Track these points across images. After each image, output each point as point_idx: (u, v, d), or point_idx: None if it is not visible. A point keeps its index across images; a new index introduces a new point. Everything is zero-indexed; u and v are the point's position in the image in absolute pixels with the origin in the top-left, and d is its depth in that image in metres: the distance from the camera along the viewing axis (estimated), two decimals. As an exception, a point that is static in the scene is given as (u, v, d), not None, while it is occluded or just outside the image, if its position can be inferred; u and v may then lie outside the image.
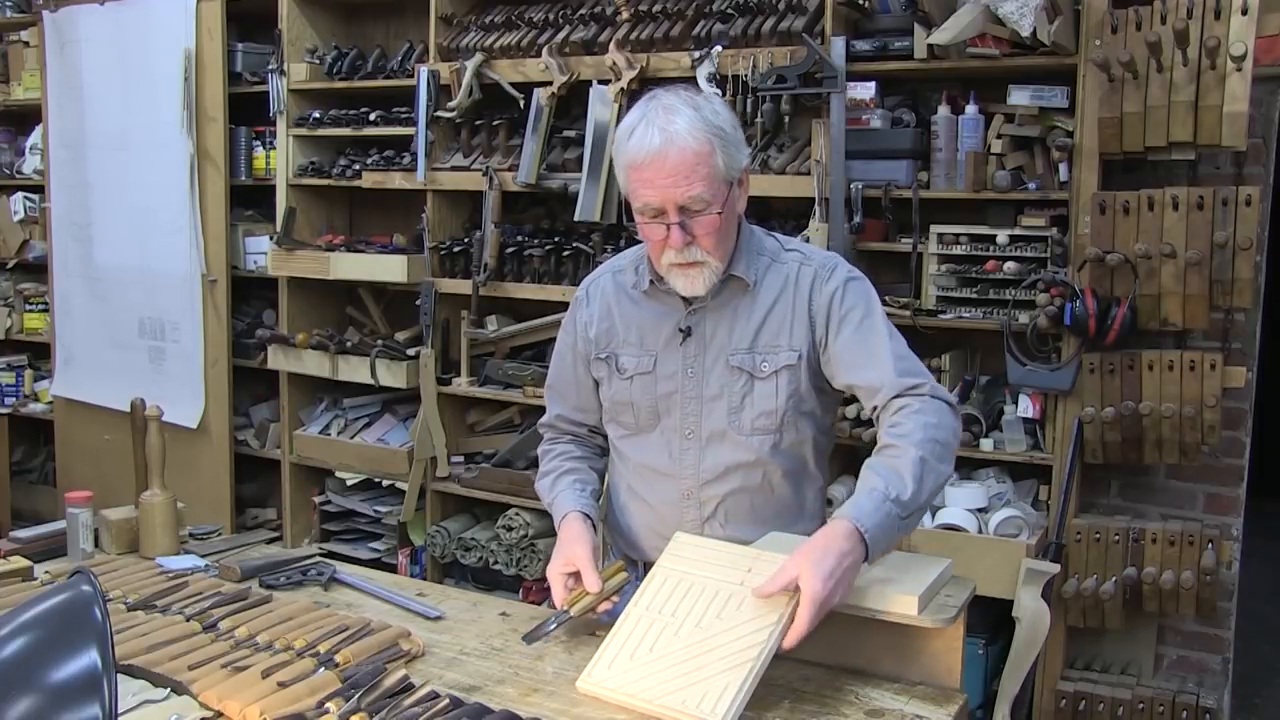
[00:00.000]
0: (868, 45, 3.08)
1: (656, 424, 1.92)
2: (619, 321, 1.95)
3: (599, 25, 3.52)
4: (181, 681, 1.59)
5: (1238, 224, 2.71)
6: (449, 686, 1.62)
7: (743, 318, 1.87)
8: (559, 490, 1.98)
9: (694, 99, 1.78)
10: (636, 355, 1.92)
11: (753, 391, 1.86)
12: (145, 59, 4.19)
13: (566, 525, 1.89)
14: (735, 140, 1.78)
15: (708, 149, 1.73)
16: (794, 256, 1.90)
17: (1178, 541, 2.88)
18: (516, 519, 3.67)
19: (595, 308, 1.98)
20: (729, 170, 1.77)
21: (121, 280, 4.40)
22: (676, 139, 1.72)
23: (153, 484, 2.21)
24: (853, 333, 1.83)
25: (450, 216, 3.88)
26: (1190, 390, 2.81)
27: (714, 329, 1.88)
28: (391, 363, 3.80)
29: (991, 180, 3.02)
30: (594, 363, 1.98)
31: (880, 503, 1.63)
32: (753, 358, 1.86)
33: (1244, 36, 2.62)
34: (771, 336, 1.86)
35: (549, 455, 2.09)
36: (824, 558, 1.54)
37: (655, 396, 1.91)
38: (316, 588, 2.05)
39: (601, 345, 1.96)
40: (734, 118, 1.82)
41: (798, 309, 1.86)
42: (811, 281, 1.86)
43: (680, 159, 1.72)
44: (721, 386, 1.87)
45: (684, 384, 1.89)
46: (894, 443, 1.71)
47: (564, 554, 1.83)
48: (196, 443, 4.20)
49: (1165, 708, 2.97)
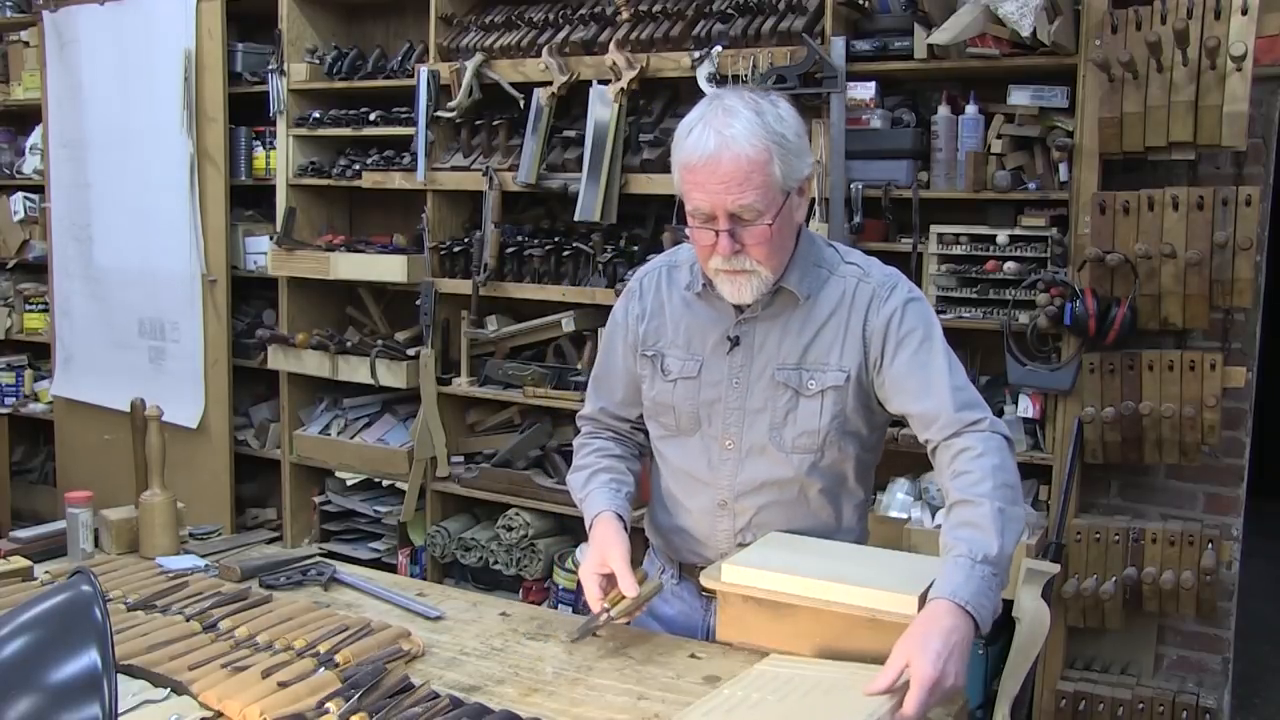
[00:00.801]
0: (868, 45, 3.08)
1: (697, 430, 1.87)
2: (668, 320, 1.90)
3: (599, 25, 3.52)
4: (181, 681, 1.59)
5: (1238, 224, 2.71)
6: (449, 686, 1.61)
7: (793, 332, 1.81)
8: (593, 488, 1.93)
9: (758, 102, 1.70)
10: (682, 358, 1.87)
11: (796, 409, 1.81)
12: (145, 59, 4.19)
13: (601, 525, 1.84)
14: (797, 148, 1.70)
15: (764, 157, 1.66)
16: (853, 271, 1.83)
17: (1178, 541, 2.88)
18: (516, 519, 3.67)
19: (648, 302, 1.92)
20: (786, 180, 1.69)
21: (121, 280, 4.40)
22: (732, 144, 1.65)
23: (153, 484, 2.21)
24: (910, 358, 1.76)
25: (450, 216, 3.88)
26: (1190, 390, 2.81)
27: (763, 340, 1.82)
28: (391, 363, 3.80)
29: (991, 180, 3.02)
30: (640, 358, 1.93)
31: (970, 569, 1.57)
32: (799, 374, 1.80)
33: (1244, 36, 2.62)
34: (821, 354, 1.80)
35: (586, 449, 2.03)
36: (928, 640, 1.48)
37: (698, 403, 1.86)
38: (316, 588, 2.05)
39: (648, 342, 1.91)
40: (800, 123, 1.74)
41: (851, 328, 1.79)
42: (869, 301, 1.79)
43: (734, 165, 1.65)
44: (765, 400, 1.82)
45: (728, 393, 1.84)
46: (968, 498, 1.66)
47: (598, 554, 1.79)
48: (196, 443, 4.20)
49: (1165, 708, 2.97)
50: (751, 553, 1.78)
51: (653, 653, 1.76)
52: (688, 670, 1.68)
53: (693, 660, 1.72)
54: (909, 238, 3.08)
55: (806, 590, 1.65)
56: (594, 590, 1.77)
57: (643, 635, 1.85)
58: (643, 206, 3.58)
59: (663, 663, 1.72)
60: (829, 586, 1.64)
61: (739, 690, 1.55)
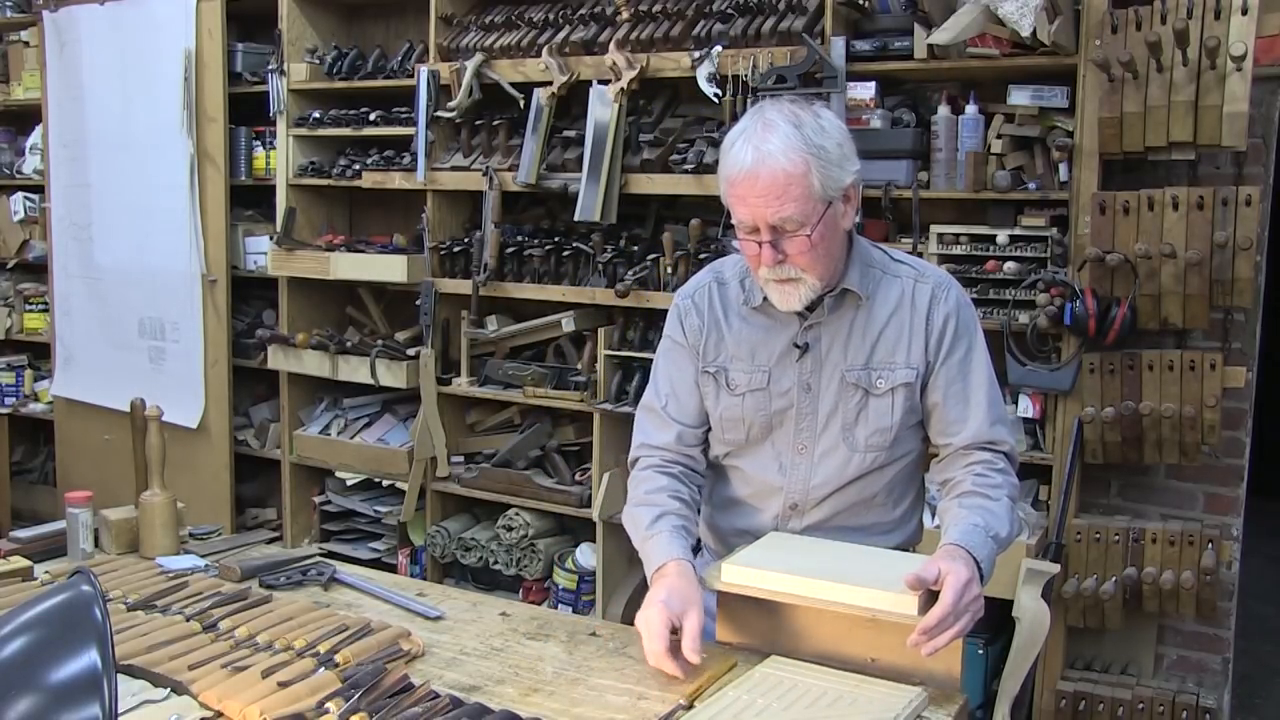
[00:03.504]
0: (868, 45, 3.08)
1: (767, 438, 1.89)
2: (729, 336, 1.89)
3: (599, 25, 3.52)
4: (181, 681, 1.59)
5: (1238, 224, 2.71)
6: (449, 686, 1.61)
7: (858, 333, 1.84)
8: (661, 529, 1.82)
9: (798, 114, 1.72)
10: (749, 371, 1.88)
11: (868, 408, 1.84)
12: (145, 59, 4.19)
13: (677, 575, 1.74)
14: (837, 157, 1.72)
15: (802, 169, 1.68)
16: (906, 271, 1.87)
17: (1178, 541, 2.88)
18: (516, 519, 3.67)
19: (705, 319, 1.92)
20: (826, 189, 1.71)
21: (121, 280, 4.40)
22: (769, 159, 1.68)
23: (153, 484, 2.21)
24: (958, 364, 1.83)
25: (450, 216, 3.88)
26: (1190, 390, 2.81)
27: (830, 344, 1.84)
28: (391, 363, 3.80)
29: (991, 180, 3.02)
30: (701, 375, 1.92)
31: (984, 538, 1.69)
32: (868, 374, 1.83)
33: (1244, 36, 2.62)
34: (887, 353, 1.83)
35: (650, 484, 1.91)
36: (956, 561, 1.62)
37: (770, 413, 1.87)
38: (316, 588, 2.05)
39: (709, 359, 1.91)
40: (842, 132, 1.76)
41: (915, 326, 1.83)
42: (930, 300, 1.84)
43: (771, 179, 1.68)
44: (836, 402, 1.84)
45: (800, 399, 1.86)
46: (984, 492, 1.77)
47: (673, 608, 1.66)
48: (196, 443, 4.20)
49: (1165, 708, 2.97)
50: (751, 553, 1.78)
51: (653, 653, 1.75)
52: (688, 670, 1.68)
53: (693, 660, 1.72)
54: (909, 238, 3.08)
55: (806, 590, 1.65)
56: (658, 644, 1.63)
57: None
58: (643, 206, 3.58)
59: (663, 663, 1.71)
60: (829, 586, 1.64)
61: (743, 694, 1.55)
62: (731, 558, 1.76)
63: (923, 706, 1.55)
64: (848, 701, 1.53)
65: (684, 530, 1.84)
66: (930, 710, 1.56)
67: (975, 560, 1.64)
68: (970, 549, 1.66)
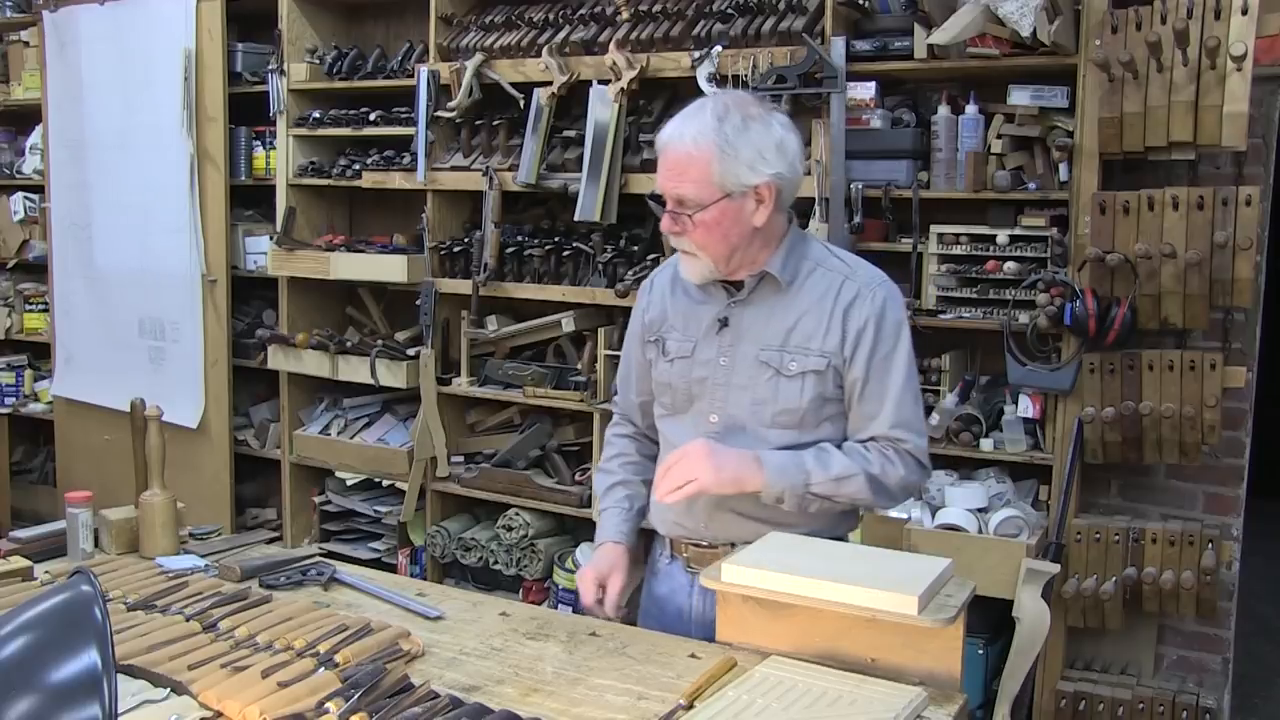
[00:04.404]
0: (868, 45, 3.08)
1: (689, 407, 2.00)
2: (670, 309, 2.04)
3: (599, 25, 3.52)
4: (181, 681, 1.59)
5: (1238, 224, 2.71)
6: (449, 686, 1.62)
7: (778, 316, 1.93)
8: (608, 505, 2.13)
9: (732, 109, 1.84)
10: (680, 340, 2.01)
11: (778, 388, 1.92)
12: (145, 59, 4.19)
13: (609, 549, 2.06)
14: (748, 158, 1.82)
15: (705, 155, 1.81)
16: (840, 267, 1.96)
17: (1178, 541, 2.88)
18: (516, 519, 3.67)
19: (655, 295, 2.09)
20: (725, 182, 1.83)
21: (121, 280, 4.40)
22: (679, 139, 1.84)
23: (153, 484, 2.21)
24: (877, 362, 1.91)
25: (450, 216, 3.88)
26: (1190, 390, 2.81)
27: (750, 324, 1.95)
28: (391, 363, 3.80)
29: (991, 180, 3.02)
30: (647, 345, 2.08)
31: (798, 470, 1.86)
32: (781, 356, 1.92)
33: (1244, 36, 2.62)
34: (803, 339, 1.92)
35: (612, 450, 2.20)
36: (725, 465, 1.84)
37: (690, 380, 1.98)
38: (316, 588, 2.05)
39: (653, 329, 2.06)
40: (774, 139, 1.85)
41: (833, 319, 1.91)
42: (853, 298, 1.92)
43: (675, 158, 1.84)
44: (749, 378, 1.94)
45: (715, 371, 1.96)
46: (848, 454, 1.91)
47: (600, 571, 2.03)
48: (196, 443, 4.20)
49: (1165, 708, 2.97)
50: (751, 553, 1.78)
51: (652, 653, 1.76)
52: (688, 670, 1.68)
53: (693, 660, 1.72)
54: (909, 238, 3.08)
55: (806, 590, 1.65)
56: (588, 592, 2.01)
57: (643, 635, 1.86)
58: (643, 206, 3.57)
59: (663, 663, 1.72)
60: (829, 586, 1.64)
61: (743, 694, 1.55)
62: (732, 558, 1.77)
63: (923, 706, 1.55)
64: (848, 701, 1.53)
65: (626, 501, 2.12)
66: (930, 710, 1.56)
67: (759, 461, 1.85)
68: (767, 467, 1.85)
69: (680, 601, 2.02)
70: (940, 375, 3.10)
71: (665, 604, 2.06)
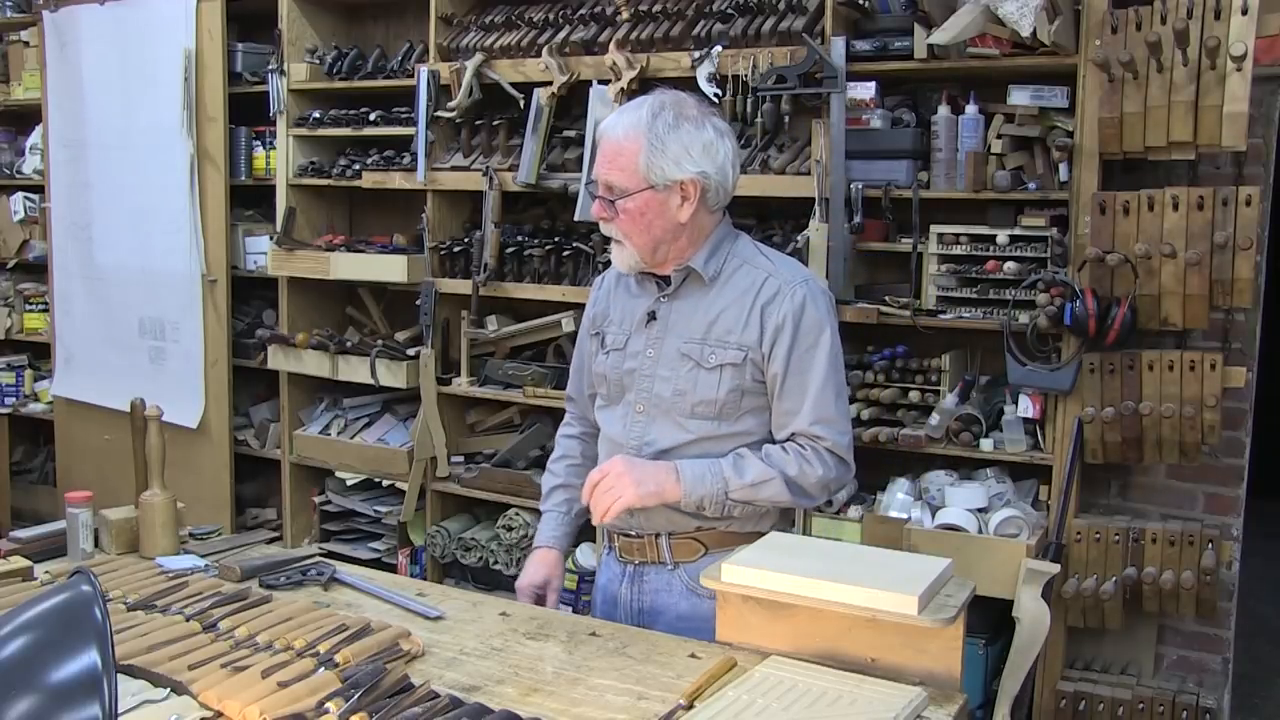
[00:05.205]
0: (868, 45, 3.08)
1: (621, 397, 2.11)
2: (612, 303, 2.17)
3: (599, 25, 3.52)
4: (181, 681, 1.59)
5: (1238, 224, 2.71)
6: (449, 686, 1.62)
7: (701, 310, 2.03)
8: (548, 507, 2.28)
9: (665, 106, 1.96)
10: (616, 333, 2.13)
11: (697, 379, 2.01)
12: (145, 59, 4.19)
13: (542, 557, 2.23)
14: (674, 154, 1.93)
15: (634, 147, 1.94)
16: (765, 265, 2.05)
17: (1178, 541, 2.88)
18: (516, 519, 3.67)
19: (601, 291, 2.22)
20: (651, 174, 1.94)
21: (121, 280, 4.40)
22: (614, 129, 1.98)
23: (153, 484, 2.21)
24: (796, 359, 1.98)
25: (450, 216, 3.88)
26: (1190, 390, 2.81)
27: (676, 317, 2.06)
28: (391, 363, 3.80)
29: (991, 180, 3.02)
30: (591, 338, 2.20)
31: (715, 478, 1.96)
32: (702, 348, 2.02)
33: (1244, 36, 2.62)
34: (723, 332, 2.01)
35: (559, 452, 2.34)
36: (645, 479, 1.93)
37: (621, 371, 2.09)
38: (316, 588, 2.06)
39: (597, 323, 2.19)
40: (702, 140, 1.95)
41: (753, 314, 1.99)
42: (774, 295, 2.00)
43: (608, 145, 1.98)
44: (671, 370, 2.04)
45: (643, 363, 2.07)
46: (766, 457, 1.99)
47: (535, 581, 2.20)
48: (196, 443, 4.20)
49: (1165, 708, 2.97)
50: (751, 553, 1.78)
51: (652, 653, 1.76)
52: (687, 670, 1.68)
53: (693, 660, 1.72)
54: (909, 238, 3.08)
55: (806, 590, 1.66)
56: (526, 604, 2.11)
57: (643, 635, 1.86)
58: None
59: (663, 663, 1.72)
60: (829, 586, 1.64)
61: (743, 694, 1.55)
62: (732, 557, 1.77)
63: (923, 706, 1.56)
64: (848, 701, 1.53)
65: (566, 504, 2.25)
66: (930, 710, 1.56)
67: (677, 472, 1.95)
68: (683, 477, 1.95)
69: (614, 589, 2.13)
70: (940, 375, 3.09)
71: (604, 592, 2.19)
